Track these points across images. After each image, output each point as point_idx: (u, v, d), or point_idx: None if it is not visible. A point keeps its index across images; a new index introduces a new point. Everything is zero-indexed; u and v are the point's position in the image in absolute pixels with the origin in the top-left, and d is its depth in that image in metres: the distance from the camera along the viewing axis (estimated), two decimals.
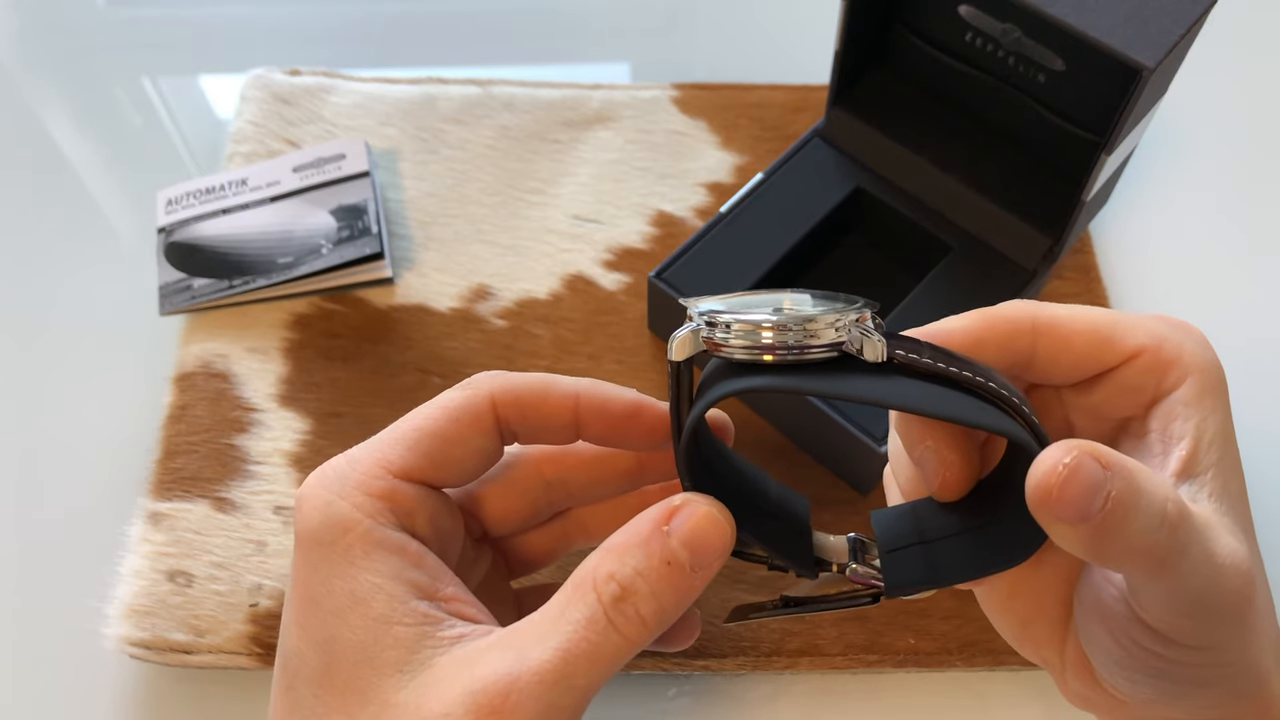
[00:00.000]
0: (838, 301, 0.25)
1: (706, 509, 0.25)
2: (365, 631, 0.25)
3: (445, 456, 0.28)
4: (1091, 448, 0.21)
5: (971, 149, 0.46)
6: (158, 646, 0.39)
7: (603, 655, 0.24)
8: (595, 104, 0.54)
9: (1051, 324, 0.26)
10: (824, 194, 0.46)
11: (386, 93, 0.55)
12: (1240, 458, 0.26)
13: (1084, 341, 0.26)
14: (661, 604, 0.24)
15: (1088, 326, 0.26)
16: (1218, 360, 0.26)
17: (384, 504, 0.26)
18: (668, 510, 0.25)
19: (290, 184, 0.50)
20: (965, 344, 0.26)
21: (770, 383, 0.24)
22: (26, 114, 0.57)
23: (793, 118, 0.54)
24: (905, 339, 0.25)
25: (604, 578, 0.24)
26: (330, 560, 0.25)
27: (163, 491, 0.42)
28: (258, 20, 0.61)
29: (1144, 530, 0.21)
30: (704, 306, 0.25)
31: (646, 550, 0.24)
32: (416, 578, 0.26)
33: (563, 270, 0.49)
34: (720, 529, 0.25)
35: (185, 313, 0.48)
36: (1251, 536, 0.25)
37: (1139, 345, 0.26)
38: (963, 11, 0.43)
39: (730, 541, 0.25)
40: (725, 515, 0.25)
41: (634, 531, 0.25)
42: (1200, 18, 0.37)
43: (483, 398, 0.28)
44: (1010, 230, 0.44)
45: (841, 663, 0.39)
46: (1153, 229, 0.52)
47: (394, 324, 0.48)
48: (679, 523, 0.25)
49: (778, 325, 0.24)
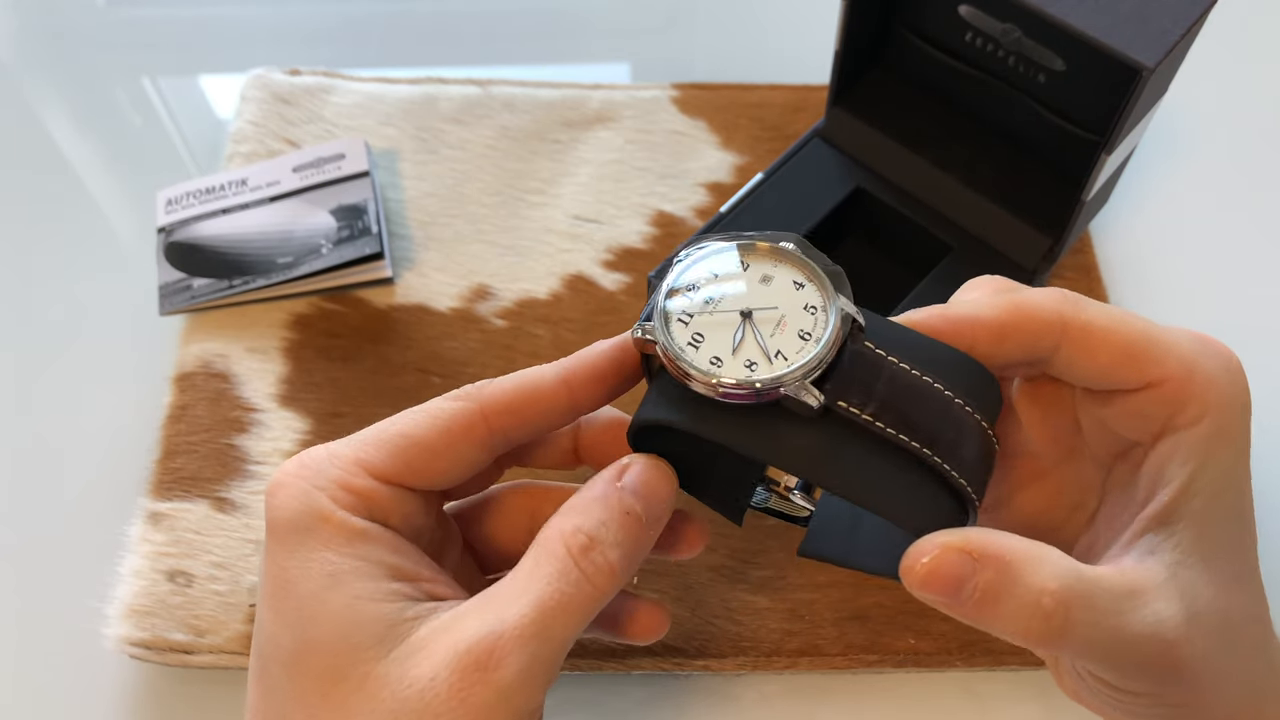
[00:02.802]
0: (816, 281, 0.27)
1: (652, 462, 0.27)
2: (343, 610, 0.25)
3: (428, 467, 0.28)
4: (964, 542, 0.23)
5: (971, 149, 0.46)
6: (158, 646, 0.39)
7: (576, 605, 0.25)
8: (595, 104, 0.54)
9: (1083, 331, 0.25)
10: (824, 194, 0.46)
11: (386, 93, 0.55)
12: (1247, 501, 0.26)
13: (1110, 357, 0.25)
14: (625, 551, 0.26)
15: (1119, 342, 0.25)
16: (1245, 395, 0.26)
17: (360, 501, 0.27)
18: (619, 469, 0.27)
19: (290, 184, 0.50)
20: (990, 336, 0.26)
21: (691, 427, 0.26)
22: (26, 114, 0.57)
23: (793, 118, 0.54)
24: (870, 365, 0.25)
25: (571, 530, 0.26)
26: (307, 545, 0.26)
27: (163, 491, 0.42)
28: (258, 20, 0.61)
29: (1016, 618, 0.23)
30: (663, 303, 0.27)
31: (606, 504, 0.26)
32: (394, 561, 0.26)
33: (563, 270, 0.49)
34: (666, 479, 0.27)
35: (185, 313, 0.48)
36: (1241, 584, 0.25)
37: (1165, 373, 0.25)
38: (963, 11, 0.43)
39: (674, 490, 0.27)
40: (667, 465, 0.27)
41: (590, 491, 0.27)
42: (1200, 18, 0.37)
43: (474, 410, 0.28)
44: (1010, 230, 0.44)
45: (841, 663, 0.39)
46: (1153, 229, 0.52)
47: (394, 324, 0.48)
48: (630, 478, 0.27)
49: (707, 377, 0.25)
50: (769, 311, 0.26)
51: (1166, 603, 0.23)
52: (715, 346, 0.26)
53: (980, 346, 0.26)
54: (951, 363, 0.26)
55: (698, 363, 0.26)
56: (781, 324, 0.26)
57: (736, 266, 0.28)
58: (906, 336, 0.26)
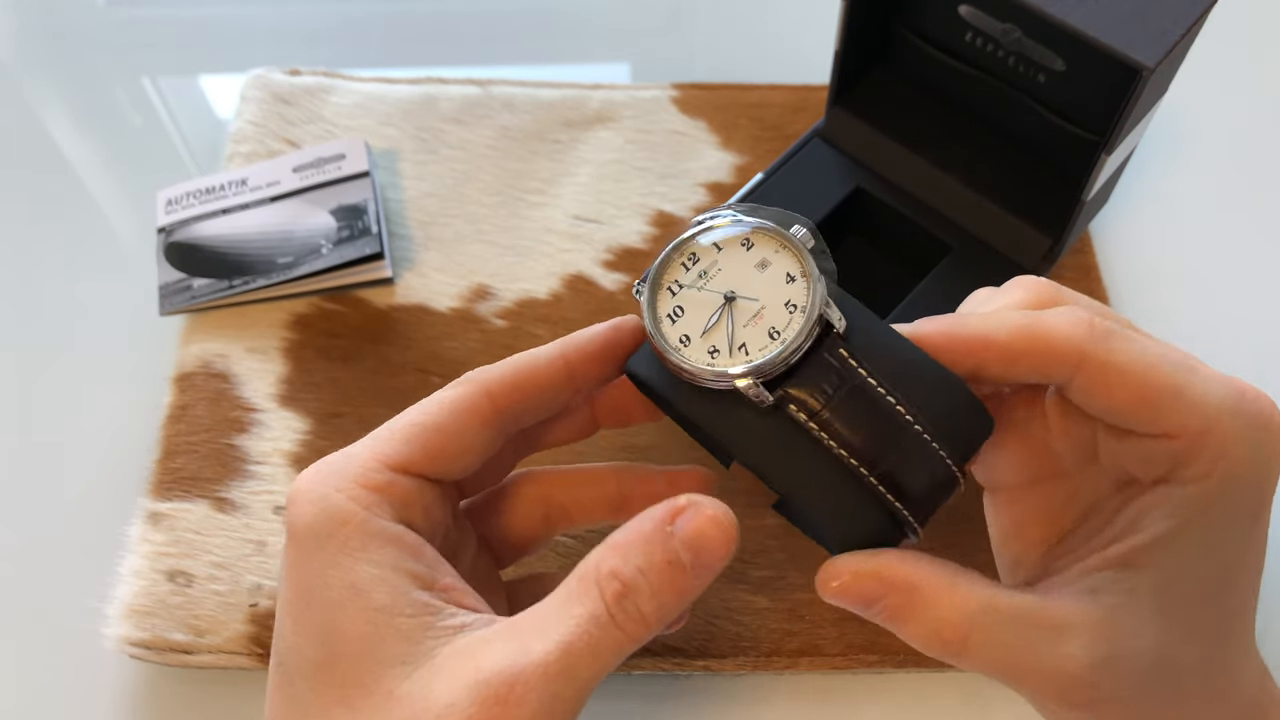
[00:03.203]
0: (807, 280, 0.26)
1: (712, 512, 0.25)
2: (365, 623, 0.24)
3: (442, 449, 0.28)
4: (876, 570, 0.24)
5: (971, 149, 0.46)
6: (158, 646, 0.39)
7: (604, 650, 0.24)
8: (595, 104, 0.54)
9: (1101, 369, 0.24)
10: (824, 194, 0.46)
11: (386, 93, 0.55)
12: (1247, 567, 0.25)
13: (1126, 400, 0.24)
14: (662, 602, 0.24)
15: (1137, 385, 0.24)
16: (1267, 465, 0.25)
17: (380, 496, 0.26)
18: (672, 510, 0.25)
19: (290, 184, 0.50)
20: (999, 359, 0.25)
21: (663, 390, 0.26)
22: (26, 114, 0.57)
23: (793, 118, 0.54)
24: (832, 375, 0.25)
25: (607, 574, 0.24)
26: (326, 552, 0.25)
27: (163, 491, 0.42)
28: (258, 20, 0.61)
29: (917, 638, 0.24)
30: (655, 269, 0.27)
31: (649, 549, 0.24)
32: (415, 568, 0.26)
33: (563, 270, 0.49)
34: (725, 532, 0.25)
35: (185, 313, 0.48)
36: (1210, 638, 0.25)
37: (1180, 427, 0.24)
38: (963, 11, 0.43)
39: (734, 545, 0.25)
40: (729, 519, 0.25)
41: (638, 529, 0.25)
42: (1200, 18, 0.37)
43: (477, 390, 0.28)
44: (1010, 230, 0.44)
45: (841, 663, 0.39)
46: (1153, 229, 0.52)
47: (394, 324, 0.48)
48: (683, 523, 0.25)
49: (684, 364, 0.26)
50: (750, 302, 0.27)
51: (1082, 642, 0.24)
52: (690, 324, 0.27)
53: (989, 369, 0.25)
54: (933, 385, 0.25)
55: (668, 338, 0.27)
56: (758, 316, 0.26)
57: (741, 245, 0.28)
58: (894, 350, 0.26)
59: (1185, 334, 0.49)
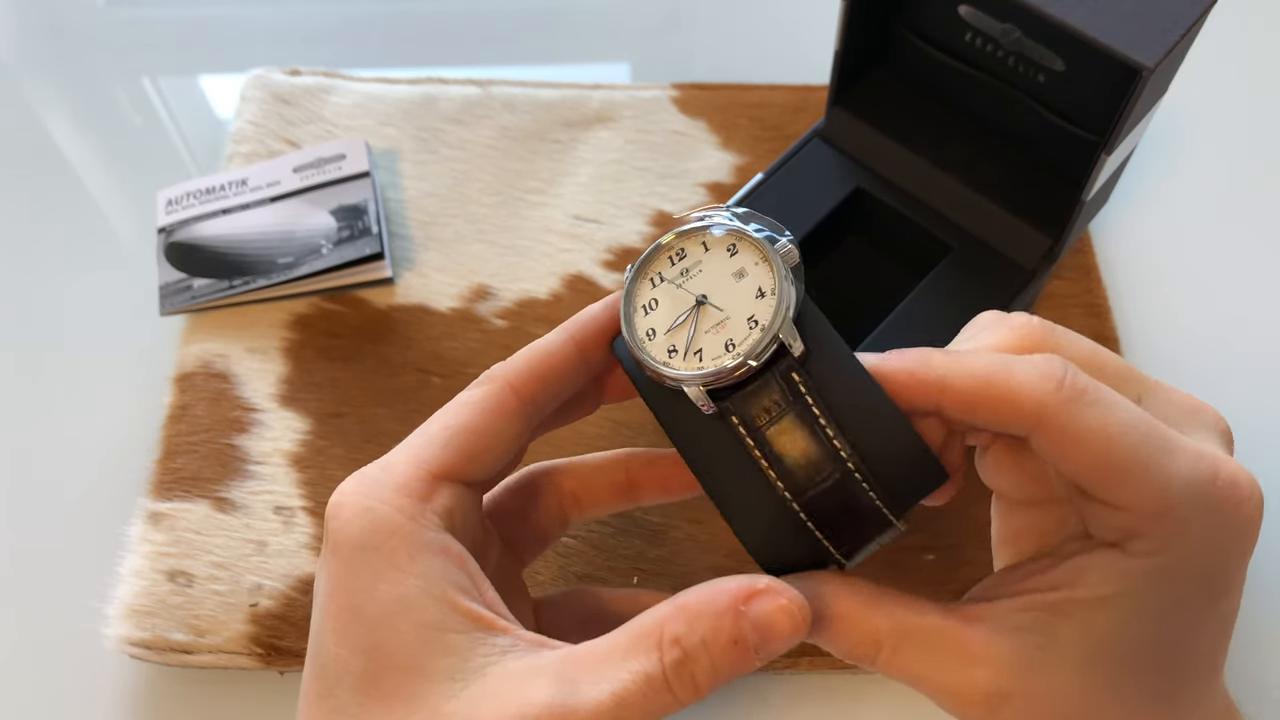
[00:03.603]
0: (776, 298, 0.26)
1: (786, 602, 0.25)
2: (415, 638, 0.24)
3: (477, 450, 0.28)
4: (788, 604, 0.25)
5: (971, 149, 0.46)
6: (158, 646, 0.39)
7: (654, 709, 0.24)
8: (595, 104, 0.54)
9: (1060, 432, 0.24)
10: (824, 194, 0.46)
11: (386, 93, 0.55)
12: (1204, 639, 0.25)
13: (1084, 466, 0.24)
14: (719, 676, 0.24)
15: (1095, 455, 0.23)
16: (1228, 551, 0.24)
17: (424, 505, 0.26)
18: (749, 590, 0.25)
19: (290, 184, 0.50)
20: (957, 405, 0.25)
21: (633, 373, 0.27)
22: (26, 114, 0.57)
23: (793, 118, 0.54)
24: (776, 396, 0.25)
25: (670, 640, 0.24)
26: (374, 566, 0.25)
27: (163, 491, 0.42)
28: (258, 20, 0.61)
29: (837, 653, 0.26)
30: (641, 259, 0.28)
31: (718, 624, 0.24)
32: (461, 580, 0.26)
33: (563, 270, 0.49)
34: (795, 624, 0.25)
35: (185, 313, 0.48)
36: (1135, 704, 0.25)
37: (1136, 502, 0.23)
38: (963, 11, 0.43)
39: (801, 636, 0.25)
40: (804, 611, 0.25)
41: (709, 599, 0.25)
42: (1200, 18, 0.37)
43: (501, 386, 0.28)
44: (1010, 230, 0.44)
45: (842, 663, 0.39)
46: (1153, 229, 0.52)
47: (394, 324, 0.48)
48: (758, 607, 0.25)
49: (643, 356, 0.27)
50: (717, 310, 0.27)
51: (987, 674, 0.24)
52: (659, 319, 0.27)
53: (949, 411, 0.25)
54: (881, 427, 0.25)
55: (636, 329, 0.27)
56: (721, 325, 0.26)
57: (726, 250, 0.28)
58: (850, 385, 0.25)
59: (1185, 334, 0.49)
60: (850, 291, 0.47)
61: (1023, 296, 0.43)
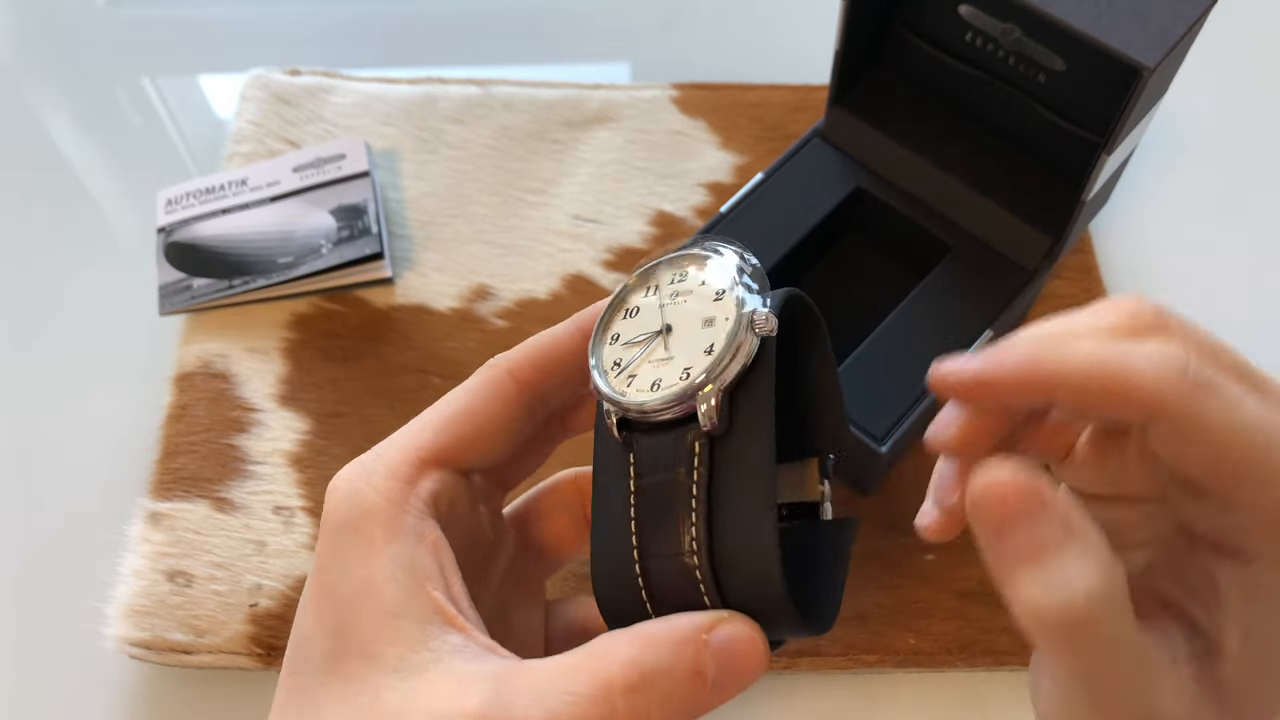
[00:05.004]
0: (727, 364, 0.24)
1: (752, 633, 0.24)
2: (373, 622, 0.24)
3: (471, 434, 0.28)
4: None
5: (971, 149, 0.46)
6: (157, 647, 0.39)
7: None
8: (595, 104, 0.54)
9: (1187, 423, 0.21)
10: (824, 194, 0.46)
11: (386, 93, 0.55)
12: None
13: (1208, 461, 0.22)
14: (672, 709, 0.23)
15: (1221, 451, 0.22)
16: None
17: (409, 488, 0.26)
18: (713, 619, 0.24)
19: (290, 184, 0.50)
20: (1073, 398, 0.23)
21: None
22: (26, 114, 0.57)
23: (793, 118, 0.54)
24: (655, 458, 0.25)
25: (624, 661, 0.23)
26: (351, 547, 0.25)
27: (163, 491, 0.42)
28: (258, 20, 0.61)
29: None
30: (638, 271, 0.27)
31: (678, 651, 0.23)
32: (428, 569, 0.25)
33: (563, 270, 0.49)
34: (758, 658, 0.23)
35: (185, 313, 0.48)
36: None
37: (1261, 502, 0.22)
38: (963, 11, 0.43)
39: (760, 674, 0.24)
40: (765, 646, 0.24)
41: (671, 627, 0.24)
42: (1200, 18, 0.37)
43: (499, 371, 0.28)
44: (1010, 230, 0.44)
45: (842, 663, 0.39)
46: (1153, 229, 0.52)
47: (394, 324, 0.48)
48: (720, 635, 0.23)
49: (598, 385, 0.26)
50: (673, 358, 0.25)
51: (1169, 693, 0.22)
52: (628, 329, 0.27)
53: (1062, 403, 0.23)
54: (747, 543, 0.23)
55: (608, 329, 0.27)
56: (663, 362, 0.25)
57: (714, 293, 0.26)
58: (748, 486, 0.24)
59: None
60: (850, 291, 0.47)
61: (1023, 296, 0.43)
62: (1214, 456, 0.22)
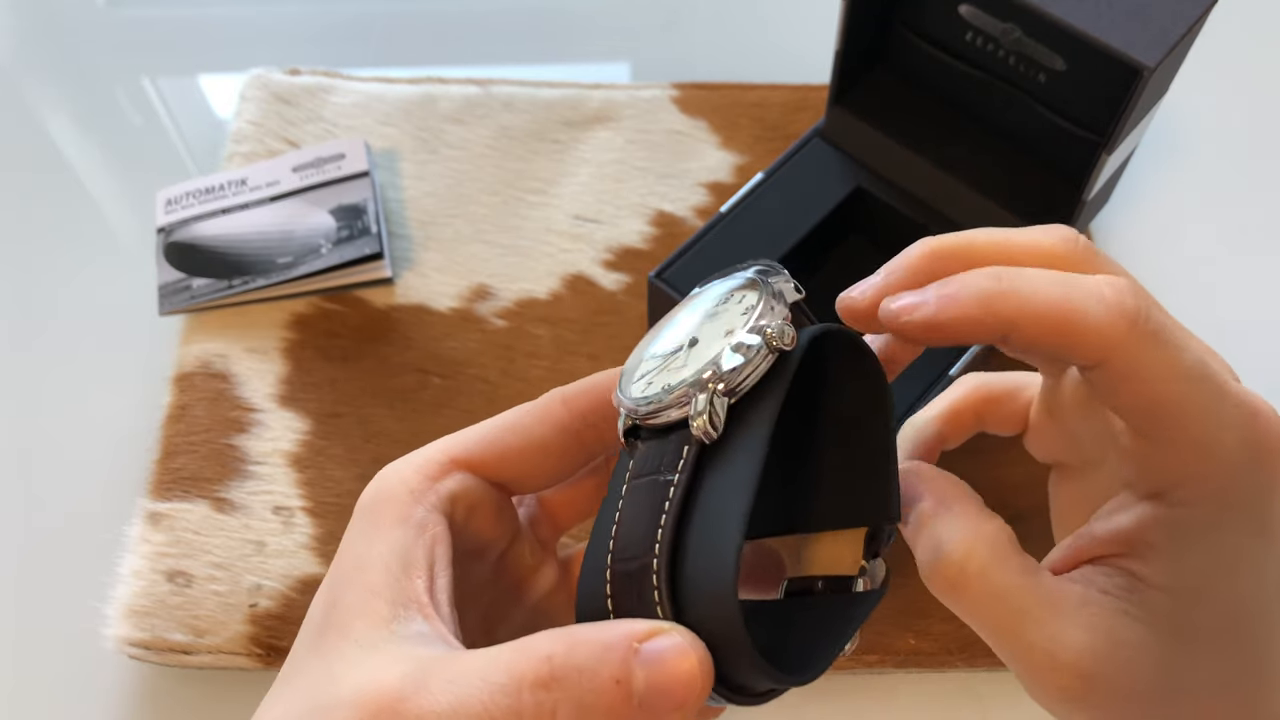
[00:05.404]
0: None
1: (689, 649, 0.21)
2: (355, 599, 0.25)
3: (507, 447, 0.28)
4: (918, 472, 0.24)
5: (972, 149, 0.46)
6: (157, 647, 0.39)
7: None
8: (595, 104, 0.54)
9: (1128, 367, 0.22)
10: (824, 194, 0.46)
11: (386, 92, 0.55)
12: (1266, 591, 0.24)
13: (1146, 409, 0.23)
14: (584, 717, 0.21)
15: (1165, 396, 0.22)
16: (1266, 491, 0.23)
17: (430, 483, 0.27)
18: (650, 628, 0.22)
19: (290, 184, 0.50)
20: (1029, 334, 0.23)
21: None
22: (26, 114, 0.57)
23: (793, 118, 0.54)
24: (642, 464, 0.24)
25: (542, 656, 0.21)
26: (363, 528, 0.26)
27: (162, 492, 0.42)
28: (258, 20, 0.61)
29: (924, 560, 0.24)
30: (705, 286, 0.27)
31: (602, 655, 0.21)
32: (417, 558, 0.26)
33: (563, 270, 0.49)
34: (693, 679, 0.21)
35: (185, 313, 0.48)
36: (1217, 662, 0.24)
37: (1190, 441, 0.23)
38: (963, 11, 0.43)
39: (696, 702, 0.21)
40: (707, 672, 0.21)
41: (602, 629, 0.22)
42: (1200, 18, 0.37)
43: (552, 396, 0.28)
44: None
45: (842, 663, 0.39)
46: (1153, 229, 0.52)
47: (394, 324, 0.48)
48: (654, 646, 0.21)
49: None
50: (685, 365, 0.25)
51: (1078, 628, 0.23)
52: (662, 330, 0.27)
53: (1014, 342, 0.24)
54: (708, 561, 0.22)
55: (638, 350, 0.27)
56: (682, 368, 0.25)
57: (743, 310, 0.25)
58: (721, 504, 0.23)
59: None
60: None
61: None
62: (1150, 400, 0.23)
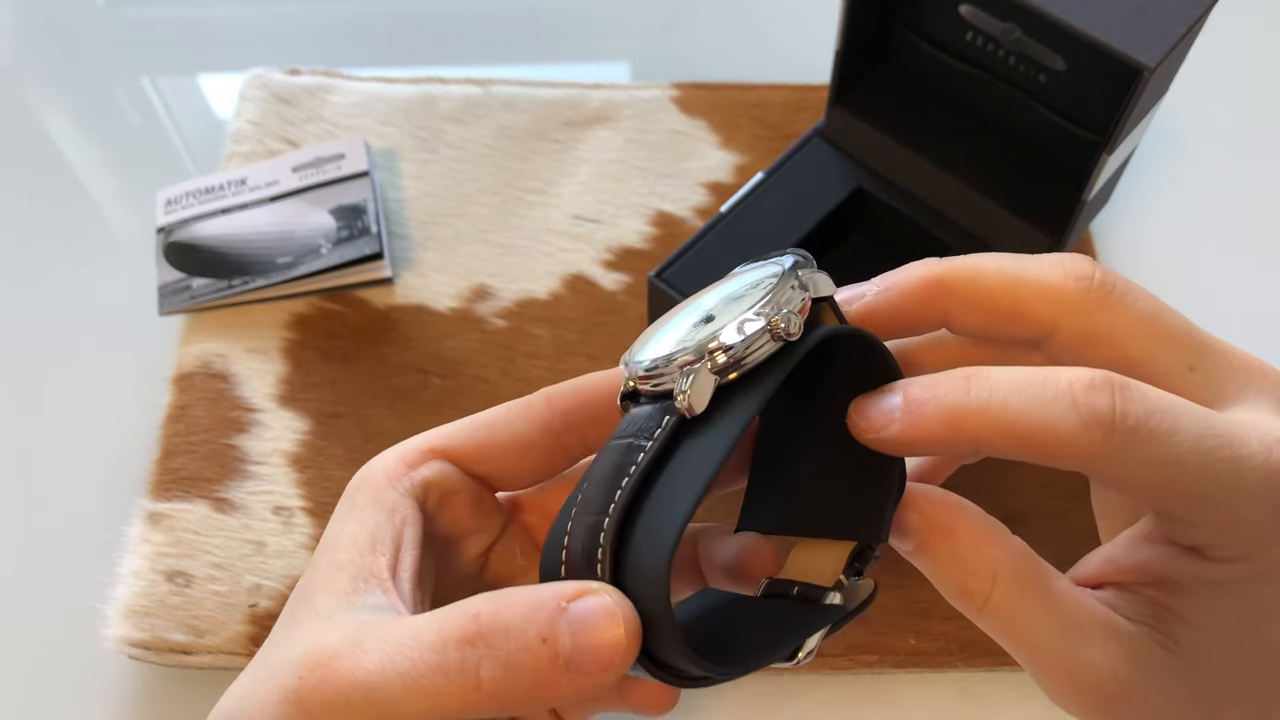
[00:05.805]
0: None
1: (615, 610, 0.21)
2: (323, 573, 0.25)
3: (485, 439, 0.28)
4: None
5: (972, 149, 0.46)
6: (157, 647, 0.39)
7: (420, 690, 0.21)
8: (595, 104, 0.54)
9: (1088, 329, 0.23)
10: (824, 194, 0.46)
11: (386, 92, 0.55)
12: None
13: (1153, 495, 0.22)
14: (508, 678, 0.21)
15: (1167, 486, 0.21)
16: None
17: (407, 470, 0.27)
18: (580, 588, 0.21)
19: (290, 184, 0.50)
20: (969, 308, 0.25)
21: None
22: (26, 114, 0.57)
23: (793, 117, 0.54)
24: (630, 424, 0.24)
25: (471, 614, 0.21)
26: (341, 509, 0.27)
27: (162, 492, 0.42)
28: (258, 20, 0.61)
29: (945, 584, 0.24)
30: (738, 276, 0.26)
31: (531, 614, 0.21)
32: (384, 537, 0.26)
33: (563, 270, 0.49)
34: (618, 640, 0.21)
35: (185, 313, 0.48)
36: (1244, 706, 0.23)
37: (1208, 520, 0.22)
38: (963, 11, 0.43)
39: (622, 665, 0.21)
40: (634, 636, 0.21)
41: (534, 590, 0.22)
42: (1200, 18, 0.37)
43: (538, 396, 0.29)
44: (1010, 230, 0.44)
45: (842, 663, 0.39)
46: (1153, 229, 0.52)
47: (393, 324, 0.48)
48: (581, 607, 0.21)
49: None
50: (694, 342, 0.24)
51: (1109, 658, 0.23)
52: (685, 306, 0.27)
53: (956, 318, 0.25)
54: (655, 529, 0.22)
55: (690, 304, 0.26)
56: (683, 342, 0.25)
57: (760, 296, 0.25)
58: (685, 477, 0.23)
59: None
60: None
61: None
62: (1156, 498, 0.22)
